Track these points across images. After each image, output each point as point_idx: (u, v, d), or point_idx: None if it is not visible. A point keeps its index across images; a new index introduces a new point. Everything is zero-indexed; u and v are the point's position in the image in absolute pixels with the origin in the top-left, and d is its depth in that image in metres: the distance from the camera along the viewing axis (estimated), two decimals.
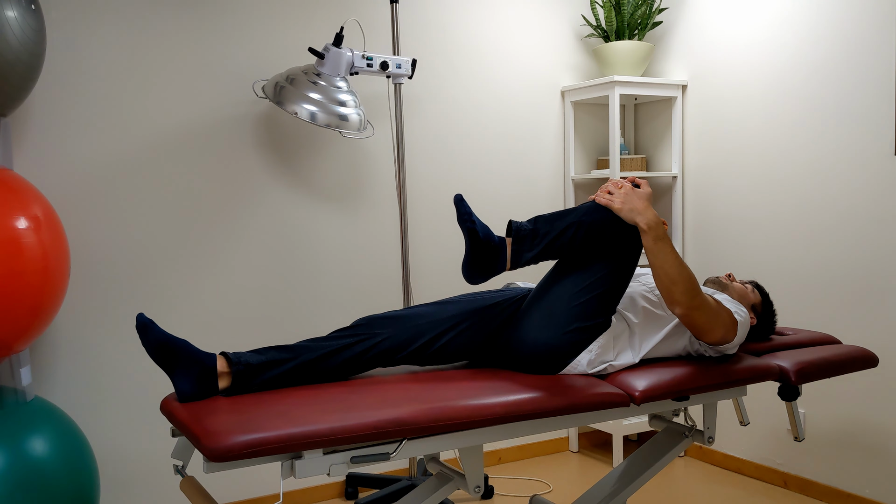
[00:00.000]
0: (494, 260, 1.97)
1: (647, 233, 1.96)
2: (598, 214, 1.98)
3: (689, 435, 2.28)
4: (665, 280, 1.96)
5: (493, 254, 1.97)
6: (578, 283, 2.01)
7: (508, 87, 3.54)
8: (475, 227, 1.94)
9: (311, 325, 3.13)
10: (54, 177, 2.68)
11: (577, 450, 3.72)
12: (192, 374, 1.79)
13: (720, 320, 2.03)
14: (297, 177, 3.10)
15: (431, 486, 1.99)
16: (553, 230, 1.98)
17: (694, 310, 1.97)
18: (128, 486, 2.83)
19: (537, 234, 1.98)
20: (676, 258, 1.96)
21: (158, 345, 1.78)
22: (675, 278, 1.94)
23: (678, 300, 1.96)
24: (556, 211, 2.04)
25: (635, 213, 1.97)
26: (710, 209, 3.45)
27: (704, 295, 2.00)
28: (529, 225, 2.00)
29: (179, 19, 2.87)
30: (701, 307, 1.98)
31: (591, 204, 2.02)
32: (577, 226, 1.97)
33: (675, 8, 3.57)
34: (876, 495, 2.86)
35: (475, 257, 1.96)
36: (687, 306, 1.96)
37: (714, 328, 2.03)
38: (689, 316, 1.99)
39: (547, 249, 1.98)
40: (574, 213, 2.00)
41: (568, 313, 2.00)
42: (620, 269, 2.02)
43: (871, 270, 2.83)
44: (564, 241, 1.98)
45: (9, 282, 2.11)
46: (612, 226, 1.98)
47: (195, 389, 1.80)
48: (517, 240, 1.97)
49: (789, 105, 3.08)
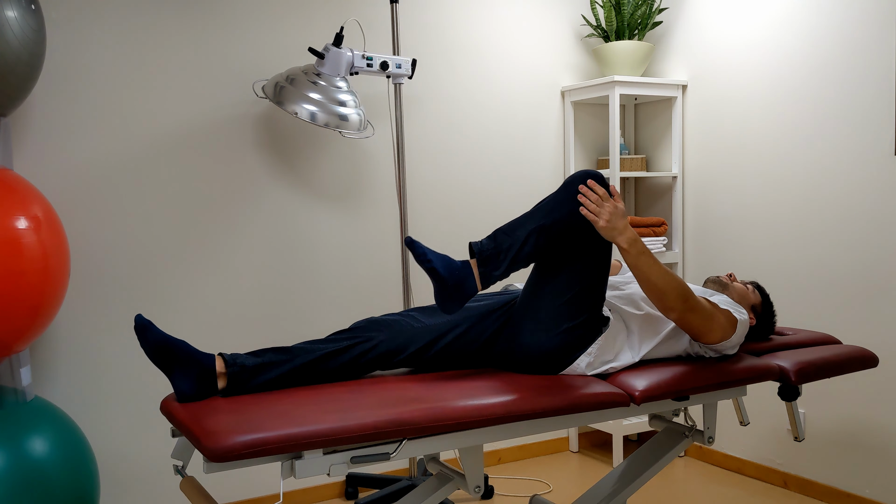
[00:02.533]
0: (463, 287, 1.92)
1: (629, 251, 1.96)
2: (559, 213, 1.97)
3: (689, 435, 2.28)
4: (655, 291, 1.97)
5: (460, 282, 1.92)
6: (557, 285, 2.00)
7: (508, 87, 3.54)
8: (434, 266, 1.89)
9: (312, 325, 3.13)
10: (54, 177, 2.68)
11: (577, 450, 3.72)
12: (192, 375, 1.79)
13: (716, 321, 2.04)
14: (297, 177, 3.10)
15: (431, 486, 1.99)
16: (515, 242, 1.95)
17: (688, 312, 1.98)
18: (128, 486, 2.83)
19: (500, 250, 1.95)
20: (660, 267, 1.97)
21: (157, 346, 1.78)
22: (664, 287, 1.95)
23: (671, 306, 1.97)
24: (516, 218, 2.01)
25: (616, 232, 1.95)
26: (710, 209, 3.45)
27: (697, 297, 2.01)
28: (490, 243, 1.96)
29: (179, 19, 2.87)
30: (695, 309, 1.99)
31: (551, 202, 1.99)
32: (538, 232, 1.95)
33: (675, 8, 3.57)
34: (876, 495, 2.86)
35: (443, 292, 1.91)
36: (681, 310, 1.97)
37: (711, 329, 2.04)
38: (685, 319, 2.00)
39: (514, 263, 1.95)
40: (534, 218, 1.98)
41: (554, 316, 1.99)
42: (595, 262, 2.01)
43: (871, 270, 2.83)
44: (529, 251, 1.96)
45: (9, 282, 2.11)
46: (575, 226, 1.97)
47: (194, 390, 1.80)
48: (482, 262, 1.94)
49: (789, 105, 3.08)
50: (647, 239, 3.48)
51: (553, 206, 1.98)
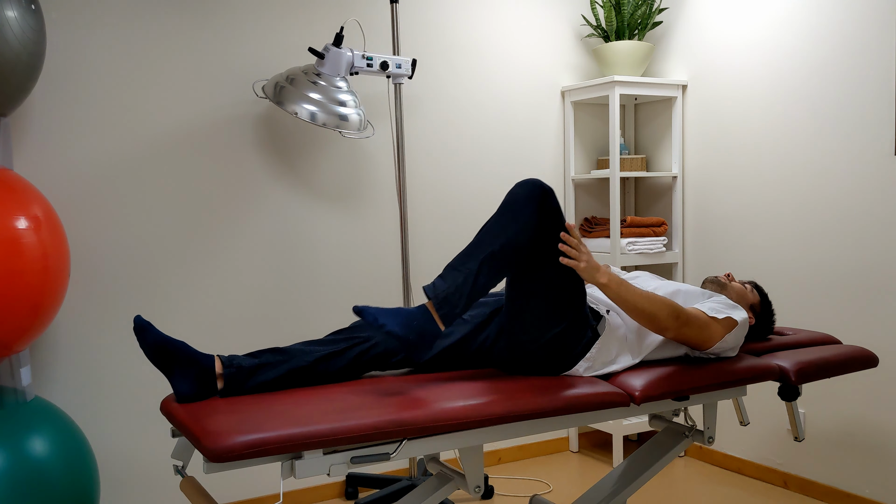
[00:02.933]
0: (426, 336, 1.83)
1: (609, 285, 1.95)
2: (506, 236, 1.90)
3: (689, 435, 2.28)
4: (645, 316, 1.97)
5: (421, 333, 1.82)
6: (532, 296, 1.97)
7: (508, 87, 3.54)
8: (390, 329, 1.79)
9: (312, 325, 3.13)
10: (54, 177, 2.68)
11: (577, 450, 3.72)
12: (191, 376, 1.79)
13: (712, 329, 2.05)
14: (297, 177, 3.10)
15: (431, 486, 1.99)
16: (469, 276, 1.87)
17: (683, 327, 2.00)
18: (128, 486, 2.83)
19: (455, 289, 1.86)
20: (641, 293, 1.97)
21: (156, 346, 1.77)
22: (652, 309, 1.96)
23: (665, 326, 1.98)
24: (464, 249, 1.93)
25: (595, 271, 1.94)
26: (710, 209, 3.45)
27: (686, 310, 2.02)
28: (443, 283, 1.88)
29: (179, 19, 2.87)
30: (689, 323, 2.00)
31: (495, 226, 1.92)
32: (489, 259, 1.88)
33: (675, 8, 3.57)
34: (876, 495, 2.86)
35: (408, 348, 1.82)
36: (675, 328, 1.99)
37: (710, 338, 2.05)
38: (681, 334, 2.01)
39: (472, 297, 1.88)
40: (482, 245, 1.90)
41: (538, 326, 1.98)
42: (559, 266, 1.98)
43: (871, 270, 2.83)
44: (485, 281, 1.89)
45: (9, 282, 2.11)
46: (526, 243, 1.91)
47: (194, 390, 1.80)
48: (439, 305, 1.85)
49: (789, 105, 3.08)
50: (647, 239, 3.48)
51: (498, 229, 1.92)
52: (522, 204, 1.91)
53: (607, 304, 2.13)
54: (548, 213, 1.93)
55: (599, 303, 2.14)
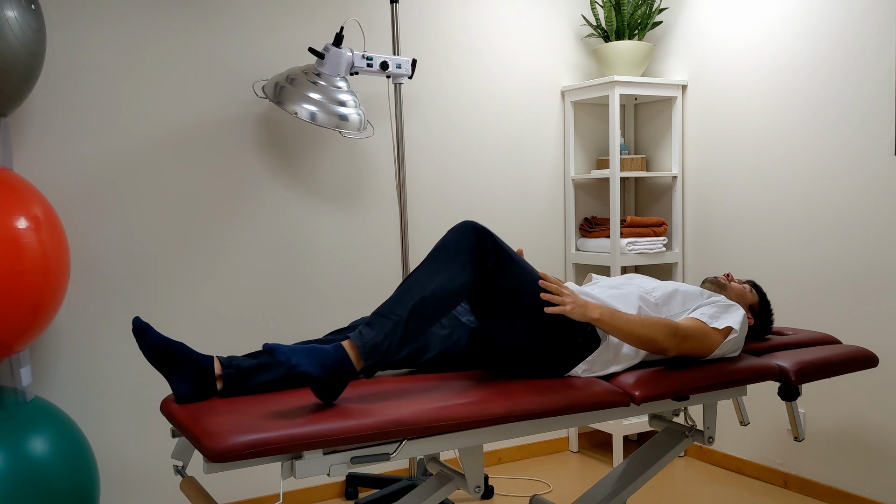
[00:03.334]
0: (341, 378, 1.73)
1: (602, 319, 1.94)
2: (437, 282, 1.82)
3: (689, 435, 2.28)
4: (644, 341, 1.98)
5: (336, 375, 1.72)
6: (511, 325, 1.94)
7: (508, 87, 3.54)
8: (304, 370, 1.68)
9: (311, 325, 3.13)
10: (54, 177, 2.68)
11: (577, 450, 3.72)
12: (189, 377, 1.79)
13: (711, 337, 2.06)
14: (297, 177, 3.10)
15: (431, 486, 1.98)
16: (398, 324, 1.77)
17: (683, 344, 2.01)
18: (128, 486, 2.83)
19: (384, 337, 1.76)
20: (635, 319, 1.97)
21: (155, 348, 1.77)
22: (650, 333, 1.97)
23: (665, 346, 2.00)
24: (394, 293, 1.84)
25: (585, 308, 1.93)
26: (710, 209, 3.45)
27: (683, 325, 2.03)
28: (371, 332, 1.76)
29: (179, 19, 2.87)
30: (688, 338, 2.02)
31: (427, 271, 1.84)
32: (420, 306, 1.79)
33: (675, 8, 3.57)
34: (876, 495, 2.86)
35: (321, 390, 1.72)
36: (676, 346, 2.01)
37: (709, 347, 2.06)
38: (682, 350, 2.03)
39: (403, 345, 1.79)
40: (413, 291, 1.81)
41: (530, 347, 1.97)
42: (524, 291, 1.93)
43: (871, 270, 2.83)
44: (416, 328, 1.80)
45: (9, 282, 2.11)
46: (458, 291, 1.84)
47: (192, 391, 1.79)
48: (367, 355, 1.75)
49: (789, 105, 3.08)
50: (647, 239, 3.48)
51: (429, 275, 1.84)
52: (454, 251, 1.85)
53: (605, 303, 2.13)
54: (486, 254, 1.87)
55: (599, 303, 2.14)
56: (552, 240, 3.68)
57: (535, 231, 3.63)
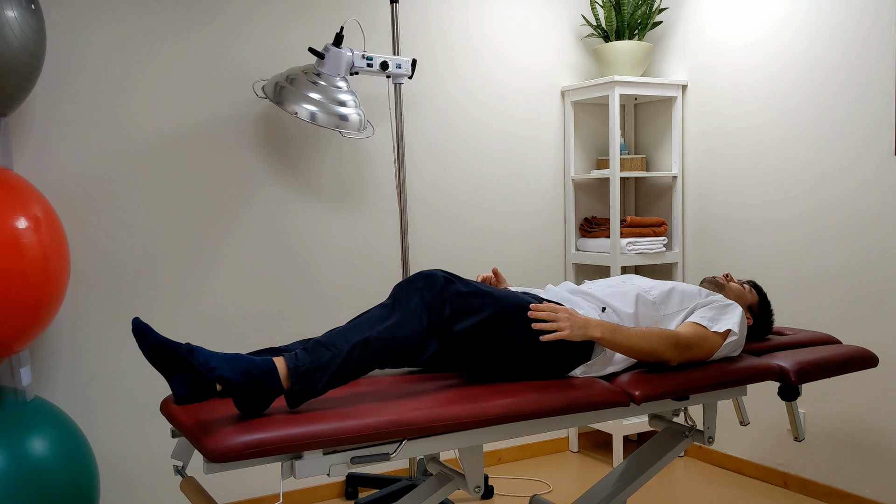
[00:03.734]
0: (262, 391, 1.66)
1: (604, 336, 1.93)
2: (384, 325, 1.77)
3: (689, 435, 2.28)
4: (647, 354, 1.99)
5: (260, 385, 1.65)
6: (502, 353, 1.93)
7: (508, 87, 3.53)
8: (222, 374, 1.61)
9: (311, 325, 3.13)
10: (54, 177, 2.68)
11: (577, 450, 3.72)
12: (189, 378, 1.77)
13: (712, 341, 2.06)
14: (297, 177, 3.10)
15: (431, 486, 1.99)
16: (336, 357, 1.71)
17: (685, 352, 2.02)
18: (128, 486, 2.83)
19: (318, 367, 1.70)
20: (636, 333, 1.97)
21: (155, 349, 1.75)
22: (651, 347, 1.97)
23: (669, 357, 2.00)
24: (339, 328, 1.80)
25: (585, 328, 1.91)
26: (710, 209, 3.45)
27: (683, 334, 2.03)
28: (307, 357, 1.71)
29: (179, 19, 2.87)
30: (689, 346, 2.02)
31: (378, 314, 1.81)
32: (363, 344, 1.74)
33: (675, 8, 3.57)
34: (876, 495, 2.85)
35: (239, 396, 1.64)
36: (677, 356, 2.01)
37: (710, 350, 2.07)
38: (684, 359, 2.03)
39: (337, 380, 1.72)
40: (359, 330, 1.77)
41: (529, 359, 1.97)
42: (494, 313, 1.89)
43: (871, 270, 2.83)
44: (354, 366, 1.73)
45: (9, 282, 2.11)
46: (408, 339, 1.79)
47: (191, 393, 1.77)
48: (295, 379, 1.68)
49: (789, 105, 3.08)
50: (647, 239, 3.48)
51: (379, 317, 1.80)
52: (406, 299, 1.83)
53: (604, 301, 2.13)
54: (442, 302, 1.83)
55: (597, 302, 2.13)
56: (552, 240, 3.68)
57: (534, 231, 3.63)
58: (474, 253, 3.48)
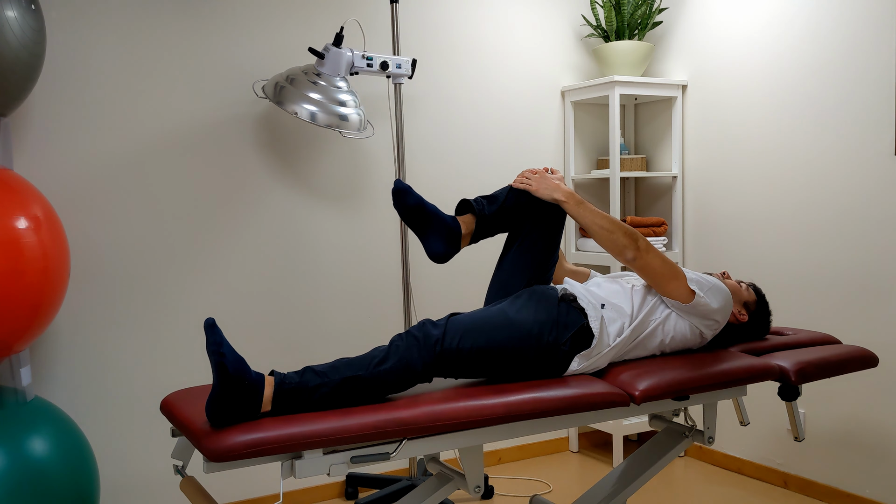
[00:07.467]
0: (245, 401, 1.66)
1: (568, 202, 2.08)
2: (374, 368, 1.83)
3: (689, 435, 2.28)
4: (604, 234, 2.06)
5: (245, 394, 1.66)
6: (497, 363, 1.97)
7: (508, 87, 3.54)
8: (225, 361, 1.64)
9: (311, 325, 3.13)
10: (54, 177, 2.68)
11: (577, 450, 3.72)
12: (442, 237, 2.04)
13: (672, 267, 2.09)
14: (297, 177, 3.10)
15: (431, 486, 1.99)
16: (325, 385, 1.77)
17: (645, 253, 2.06)
18: (127, 485, 2.83)
19: (305, 390, 1.75)
20: (602, 213, 2.08)
21: (413, 209, 2.01)
22: (611, 227, 2.05)
23: (624, 243, 2.05)
24: (335, 360, 1.86)
25: (551, 189, 2.08)
26: (710, 209, 3.45)
27: (650, 246, 2.09)
28: (297, 377, 1.76)
29: (180, 19, 2.87)
30: (650, 250, 2.07)
31: (372, 356, 1.87)
32: (354, 381, 1.79)
33: (675, 8, 3.57)
34: (876, 495, 2.86)
35: (222, 396, 1.63)
36: (635, 251, 2.05)
37: (674, 274, 2.08)
38: (645, 262, 2.06)
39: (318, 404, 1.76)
40: (353, 367, 1.83)
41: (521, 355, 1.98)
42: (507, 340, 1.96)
43: (871, 270, 2.83)
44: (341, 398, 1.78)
45: (9, 282, 2.11)
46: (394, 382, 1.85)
47: (445, 249, 2.04)
48: (278, 394, 1.72)
49: (789, 105, 3.08)
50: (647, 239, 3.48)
51: (375, 359, 1.84)
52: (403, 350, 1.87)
53: (603, 298, 2.13)
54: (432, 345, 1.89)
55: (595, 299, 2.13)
56: None
57: None
58: (474, 252, 3.48)
